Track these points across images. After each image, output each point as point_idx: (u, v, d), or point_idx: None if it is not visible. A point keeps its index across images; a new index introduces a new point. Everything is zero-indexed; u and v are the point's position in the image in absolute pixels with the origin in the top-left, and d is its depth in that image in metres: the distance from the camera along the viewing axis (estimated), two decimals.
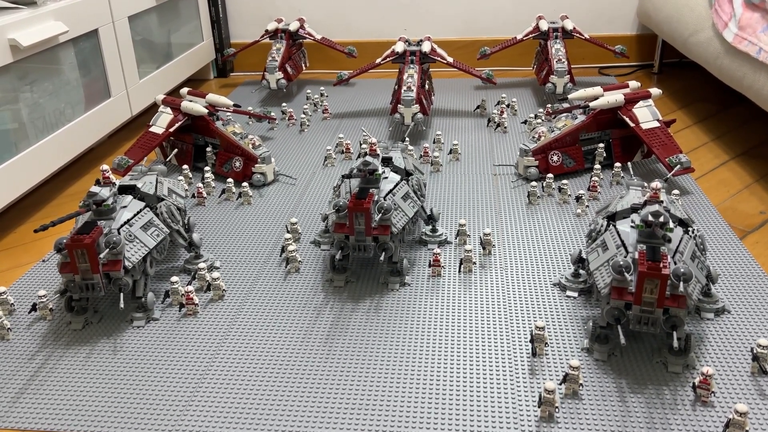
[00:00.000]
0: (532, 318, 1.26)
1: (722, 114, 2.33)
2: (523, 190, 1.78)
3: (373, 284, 1.39)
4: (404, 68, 2.21)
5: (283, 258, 1.49)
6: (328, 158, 1.99)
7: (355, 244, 1.32)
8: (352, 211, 1.29)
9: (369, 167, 1.36)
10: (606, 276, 1.12)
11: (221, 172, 1.90)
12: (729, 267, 1.40)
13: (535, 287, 1.36)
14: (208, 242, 1.58)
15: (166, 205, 1.39)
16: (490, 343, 1.20)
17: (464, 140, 2.15)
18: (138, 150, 1.87)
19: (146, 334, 1.26)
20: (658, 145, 1.77)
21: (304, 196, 1.80)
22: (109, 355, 1.21)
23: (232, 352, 1.20)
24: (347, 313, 1.30)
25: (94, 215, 1.26)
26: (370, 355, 1.18)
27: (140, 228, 1.29)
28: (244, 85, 2.89)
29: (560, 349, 1.18)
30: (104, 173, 1.29)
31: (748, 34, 1.78)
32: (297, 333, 1.25)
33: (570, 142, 1.85)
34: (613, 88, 1.93)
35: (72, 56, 1.91)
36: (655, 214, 1.09)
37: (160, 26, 2.48)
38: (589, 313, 1.27)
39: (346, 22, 2.99)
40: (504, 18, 2.91)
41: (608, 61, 2.89)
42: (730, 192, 1.76)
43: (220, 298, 1.36)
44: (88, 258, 1.17)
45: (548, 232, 1.57)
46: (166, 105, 1.95)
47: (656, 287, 1.04)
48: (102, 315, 1.31)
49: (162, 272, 1.46)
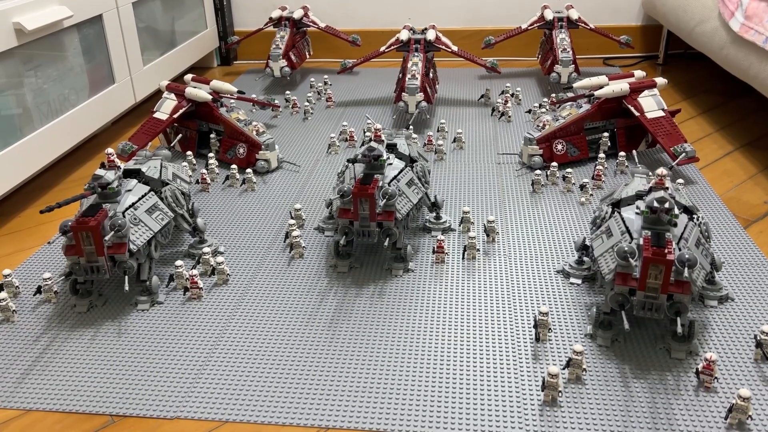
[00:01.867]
0: (536, 305, 1.26)
1: (727, 105, 2.32)
2: (527, 179, 1.78)
3: (377, 270, 1.39)
4: (408, 57, 2.20)
5: (286, 244, 1.49)
6: (332, 146, 1.99)
7: (359, 230, 1.32)
8: (356, 196, 1.29)
9: (373, 153, 1.36)
10: (610, 262, 1.12)
11: (225, 158, 1.90)
12: (733, 255, 1.40)
13: (539, 274, 1.36)
14: (212, 228, 1.58)
15: (171, 189, 1.39)
16: (493, 328, 1.20)
17: (468, 129, 2.15)
18: (142, 136, 1.87)
19: (150, 318, 1.26)
20: (663, 135, 1.76)
21: (308, 183, 1.80)
22: (114, 337, 1.21)
23: (236, 336, 1.21)
24: (351, 298, 1.30)
25: (99, 198, 1.27)
26: (373, 340, 1.18)
27: (145, 212, 1.29)
28: (247, 73, 2.88)
29: (564, 335, 1.18)
30: (109, 156, 1.29)
31: (754, 23, 1.77)
32: (301, 318, 1.25)
33: (575, 131, 1.84)
34: (618, 77, 1.92)
35: (76, 41, 1.91)
36: (660, 200, 1.09)
37: (164, 13, 2.47)
38: (593, 300, 1.27)
39: (350, 10, 2.98)
40: (509, 7, 2.90)
41: (613, 52, 2.88)
42: (734, 182, 1.75)
43: (225, 282, 1.36)
44: (93, 240, 1.17)
45: (552, 220, 1.57)
46: (170, 91, 1.94)
47: (661, 273, 1.04)
48: (107, 298, 1.32)
49: (166, 256, 1.46)
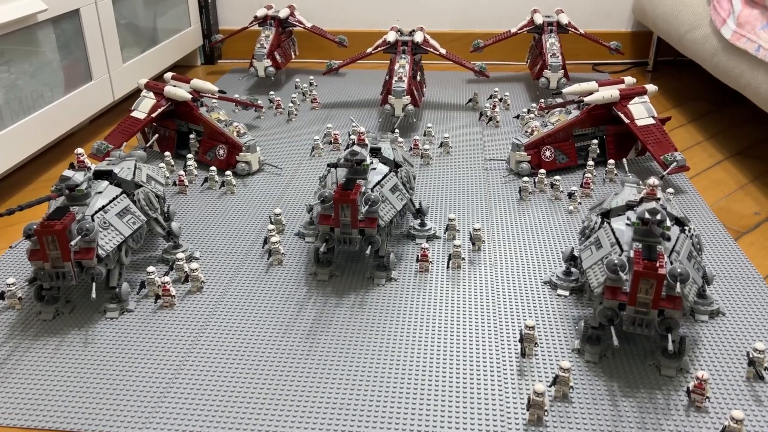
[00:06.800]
0: (522, 317, 1.22)
1: (717, 113, 2.30)
2: (515, 186, 1.74)
3: (359, 279, 1.34)
4: (396, 59, 2.16)
5: (265, 250, 1.44)
6: (316, 148, 1.94)
7: (340, 237, 1.27)
8: (337, 202, 1.24)
9: (356, 157, 1.31)
10: (599, 275, 1.08)
11: (204, 159, 1.85)
12: (724, 268, 1.37)
13: (525, 285, 1.32)
14: (188, 232, 1.52)
15: (144, 191, 1.33)
16: (477, 342, 1.16)
17: (455, 134, 2.11)
18: (118, 135, 1.81)
19: (119, 326, 1.20)
20: (653, 143, 1.73)
21: (290, 186, 1.75)
22: (80, 347, 1.15)
23: (209, 346, 1.15)
24: (331, 308, 1.25)
25: (66, 200, 1.21)
26: (353, 352, 1.13)
27: (116, 215, 1.23)
28: (231, 72, 2.82)
29: (550, 350, 1.14)
30: (79, 157, 1.23)
31: (747, 31, 1.75)
32: (278, 328, 1.20)
33: (563, 137, 1.81)
34: (608, 83, 1.88)
35: (52, 36, 1.84)
36: (652, 211, 1.05)
37: (146, 9, 2.41)
38: (581, 313, 1.23)
39: (338, 10, 2.93)
40: (498, 11, 2.86)
41: (602, 58, 2.86)
42: (725, 192, 1.72)
43: (199, 290, 1.30)
44: (59, 245, 1.11)
45: (539, 229, 1.53)
46: (149, 89, 1.88)
47: (652, 287, 1.00)
48: (74, 305, 1.26)
49: (139, 261, 1.41)
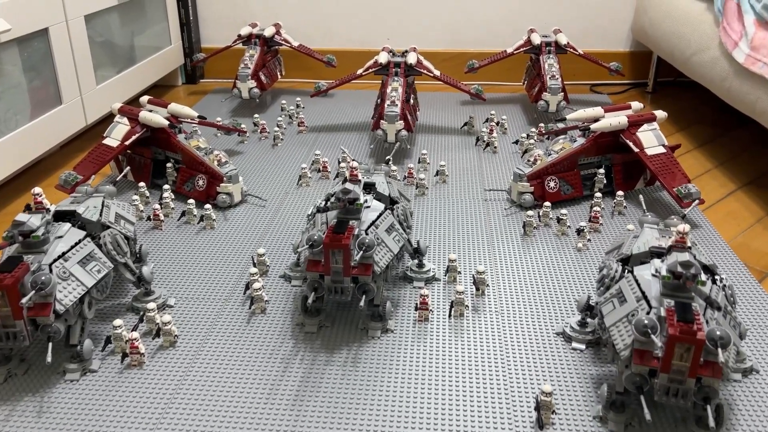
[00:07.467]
0: (534, 374, 1.09)
1: (724, 137, 2.20)
2: (517, 219, 1.62)
3: (351, 330, 1.21)
4: (388, 81, 2.04)
5: (247, 296, 1.30)
6: (303, 177, 1.80)
7: (331, 286, 1.14)
8: (328, 247, 1.11)
9: (349, 196, 1.18)
10: (626, 335, 0.95)
11: (182, 191, 1.71)
12: (752, 317, 1.25)
13: (536, 336, 1.19)
14: (162, 275, 1.38)
15: (111, 234, 1.19)
16: (485, 404, 1.02)
17: (451, 160, 1.98)
18: (89, 164, 1.67)
19: (81, 390, 1.06)
20: (665, 173, 1.62)
21: (275, 219, 1.62)
22: (33, 417, 1.00)
23: (184, 411, 1.01)
24: (320, 366, 1.12)
25: (21, 248, 1.07)
26: (347, 415, 1.00)
27: (78, 263, 1.09)
28: (214, 92, 2.69)
29: (568, 417, 1.01)
30: (36, 198, 1.09)
31: (762, 55, 1.64)
32: (261, 389, 1.06)
33: (568, 166, 1.69)
34: (614, 109, 1.78)
35: (16, 57, 1.70)
36: (685, 264, 0.93)
37: (123, 27, 2.27)
38: (600, 372, 1.10)
39: (326, 29, 2.81)
40: (493, 30, 2.76)
41: (600, 79, 2.76)
42: (741, 226, 1.61)
43: (172, 344, 1.16)
44: (9, 301, 0.97)
45: (547, 269, 1.40)
46: (123, 115, 1.75)
47: (688, 353, 0.88)
48: (29, 365, 1.11)
49: (105, 310, 1.26)
